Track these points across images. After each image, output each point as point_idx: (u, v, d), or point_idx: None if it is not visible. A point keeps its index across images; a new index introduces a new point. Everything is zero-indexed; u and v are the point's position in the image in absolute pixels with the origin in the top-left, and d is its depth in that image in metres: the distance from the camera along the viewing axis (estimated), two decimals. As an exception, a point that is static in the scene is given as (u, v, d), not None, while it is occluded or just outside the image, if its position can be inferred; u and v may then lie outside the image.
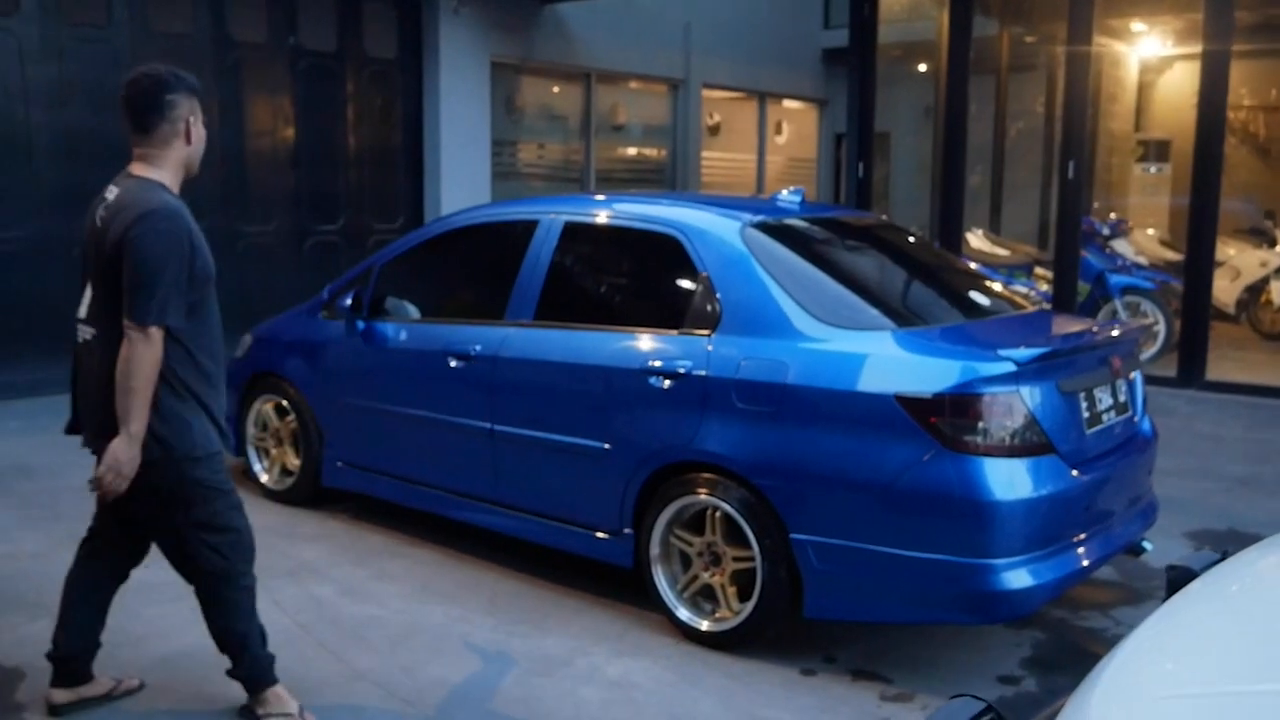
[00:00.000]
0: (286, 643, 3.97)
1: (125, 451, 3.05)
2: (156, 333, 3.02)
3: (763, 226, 4.24)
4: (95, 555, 3.48)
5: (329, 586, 4.52)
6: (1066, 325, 4.45)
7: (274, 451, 5.64)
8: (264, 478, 5.66)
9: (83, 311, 3.24)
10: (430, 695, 3.62)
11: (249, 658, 3.39)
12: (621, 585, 4.42)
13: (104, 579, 3.50)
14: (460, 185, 10.13)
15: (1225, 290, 10.38)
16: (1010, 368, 3.55)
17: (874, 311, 4.03)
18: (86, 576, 3.47)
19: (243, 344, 5.87)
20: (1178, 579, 2.14)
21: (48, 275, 7.79)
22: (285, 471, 5.60)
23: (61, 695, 3.45)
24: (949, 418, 3.51)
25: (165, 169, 3.18)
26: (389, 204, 10.12)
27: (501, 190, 10.65)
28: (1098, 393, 3.97)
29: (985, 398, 3.53)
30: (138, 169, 3.19)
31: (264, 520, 5.26)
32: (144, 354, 3.01)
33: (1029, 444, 3.59)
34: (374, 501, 5.36)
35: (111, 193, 3.17)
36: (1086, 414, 3.87)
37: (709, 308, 4.04)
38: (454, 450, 4.73)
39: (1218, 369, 8.47)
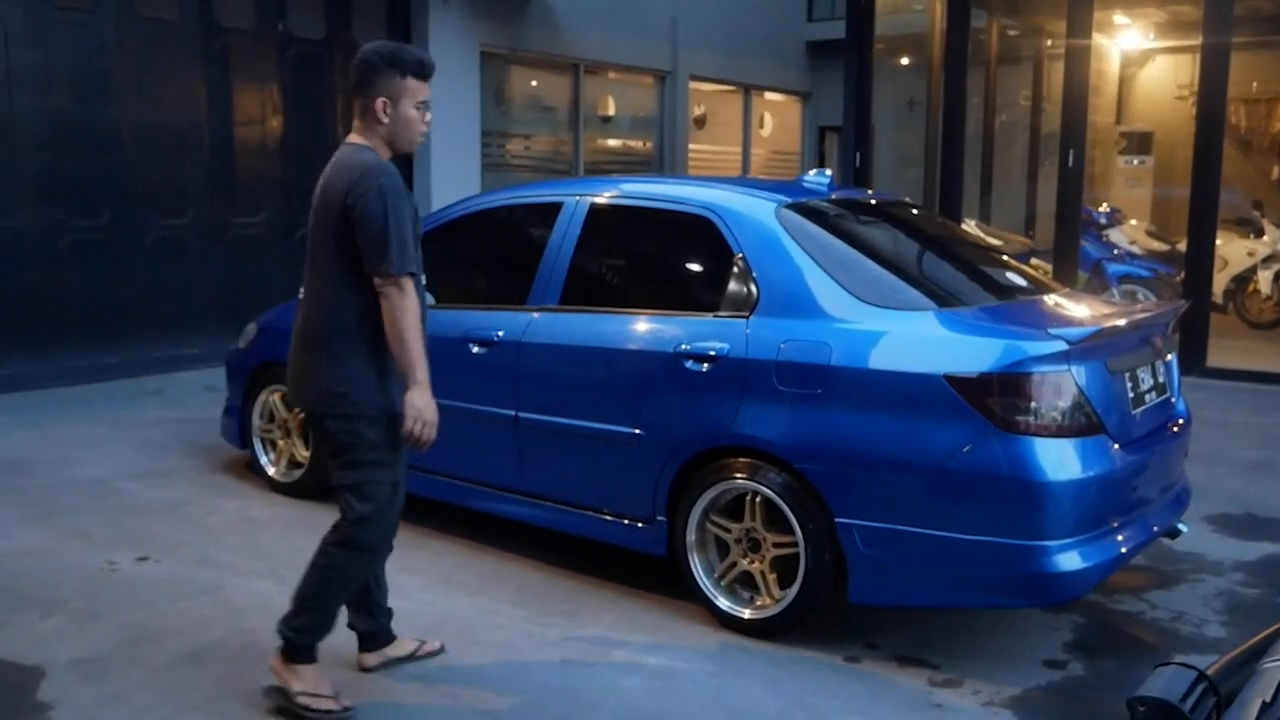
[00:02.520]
0: (314, 637, 3.86)
1: (419, 399, 3.13)
2: (406, 281, 3.12)
3: (797, 207, 4.16)
4: None
5: (350, 579, 4.39)
6: (1104, 306, 4.41)
7: (281, 443, 5.50)
8: (271, 470, 5.51)
9: (306, 271, 3.37)
10: (469, 688, 3.51)
11: (309, 621, 3.31)
12: (651, 574, 4.34)
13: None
14: (450, 176, 10.01)
15: (1214, 280, 10.47)
16: (1062, 346, 3.50)
17: (914, 292, 3.97)
18: None
19: (246, 334, 5.74)
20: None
21: (29, 268, 7.62)
22: (293, 464, 5.46)
23: (370, 659, 3.59)
24: (1000, 397, 3.45)
25: (370, 138, 3.28)
26: (379, 195, 9.95)
27: (491, 181, 10.53)
28: (1140, 373, 3.92)
29: (1036, 377, 3.47)
30: (351, 135, 3.32)
31: (273, 513, 5.19)
32: (400, 304, 3.12)
33: (1080, 424, 3.53)
34: (387, 493, 5.23)
35: (333, 157, 3.31)
36: (1131, 394, 3.83)
37: (746, 289, 3.96)
38: (476, 439, 4.61)
39: (1213, 356, 8.54)
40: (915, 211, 5.14)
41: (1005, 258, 4.94)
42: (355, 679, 3.56)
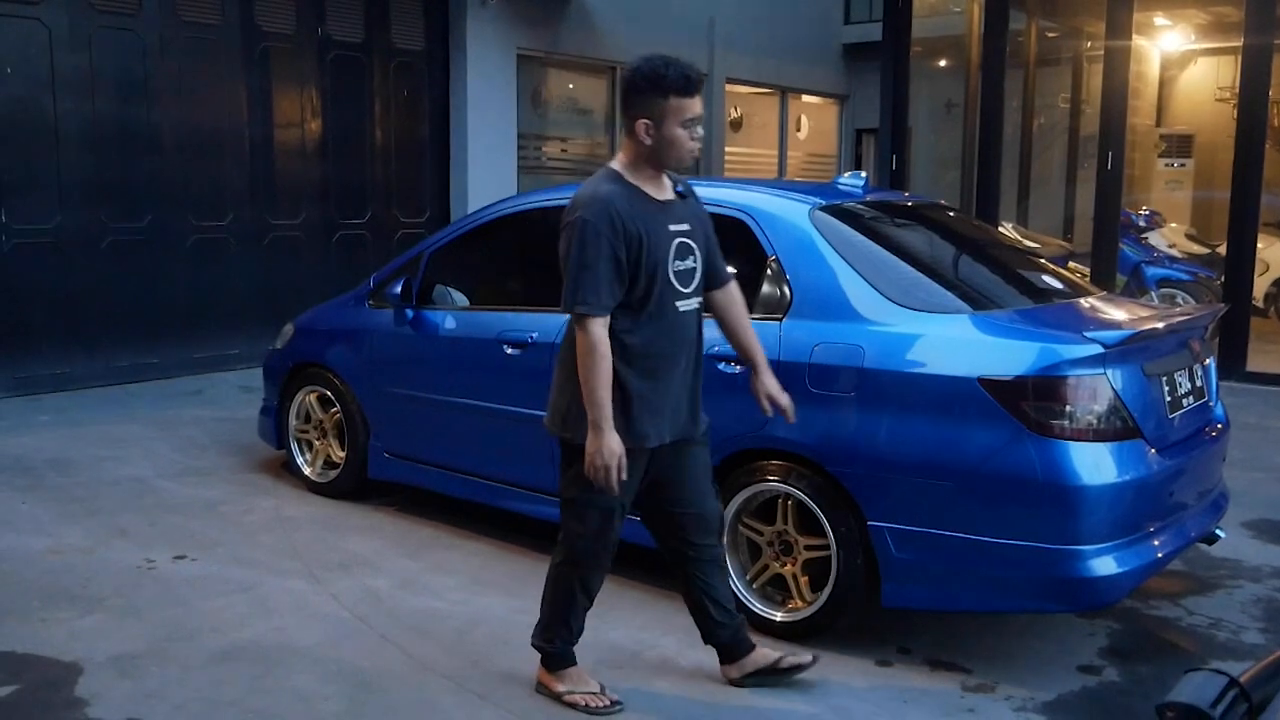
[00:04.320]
0: (348, 636, 3.90)
1: (591, 443, 3.11)
2: (590, 322, 3.08)
3: (831, 209, 4.15)
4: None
5: (384, 579, 4.43)
6: (1141, 309, 4.36)
7: (317, 444, 5.55)
8: (307, 470, 5.57)
9: None
10: (502, 688, 3.53)
11: (550, 630, 3.44)
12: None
13: (681, 564, 3.51)
14: (487, 179, 10.06)
15: (1255, 284, 10.33)
16: (1097, 350, 3.47)
17: (949, 294, 3.94)
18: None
19: (283, 334, 5.80)
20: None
21: (71, 270, 7.74)
22: (329, 464, 5.52)
23: (731, 671, 3.55)
24: (1035, 400, 3.42)
25: (628, 159, 3.24)
26: (416, 198, 10.05)
27: (528, 184, 10.57)
28: (1178, 376, 3.88)
29: (1071, 380, 3.44)
30: (618, 153, 3.29)
31: (309, 513, 5.24)
32: (581, 343, 3.10)
33: (1115, 428, 3.50)
34: (420, 493, 5.27)
35: None
36: (1169, 398, 3.79)
37: (779, 291, 3.95)
38: (509, 440, 4.64)
39: (1253, 361, 8.43)
40: (951, 214, 5.12)
41: (1042, 260, 4.90)
42: (375, 679, 3.59)
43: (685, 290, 3.26)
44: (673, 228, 3.22)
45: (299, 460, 5.60)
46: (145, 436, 6.60)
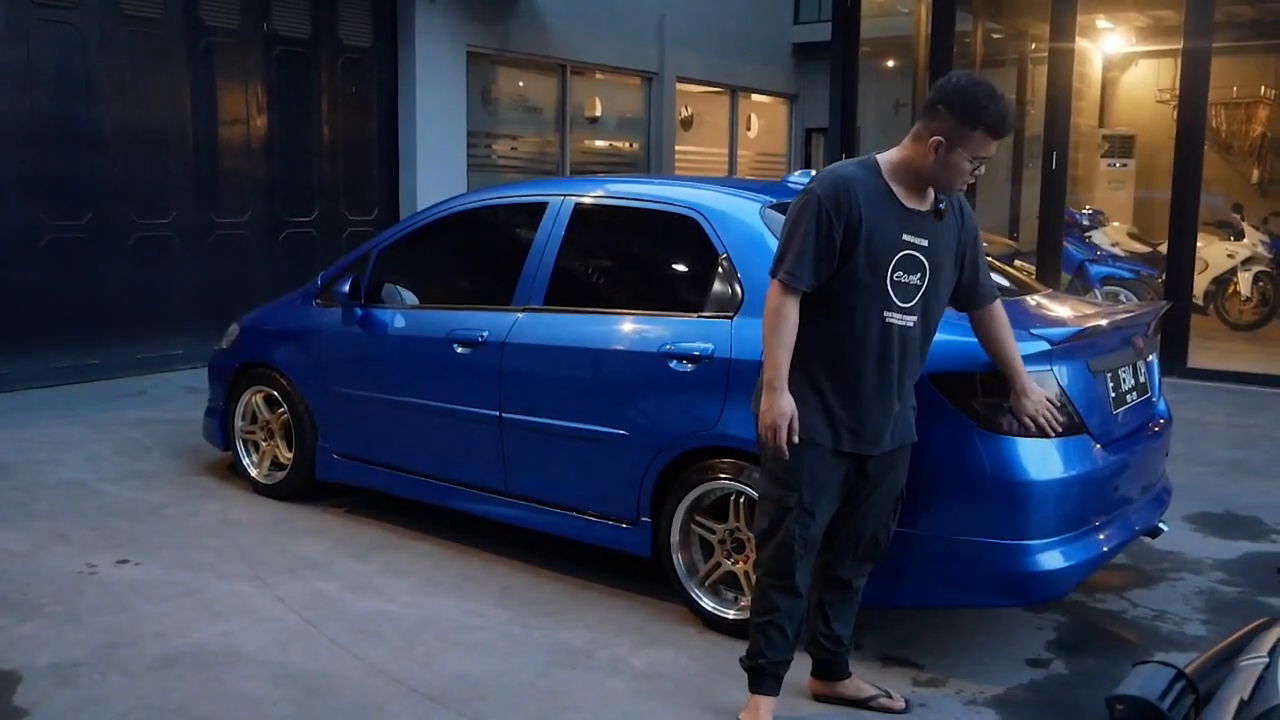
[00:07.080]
0: (296, 639, 3.85)
1: (764, 402, 3.09)
2: (784, 289, 3.04)
3: (782, 208, 4.12)
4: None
5: (333, 582, 4.38)
6: (1086, 306, 4.42)
7: (264, 445, 5.47)
8: (253, 472, 5.49)
9: None
10: (453, 690, 3.50)
11: (753, 651, 3.30)
12: (635, 576, 4.33)
13: (818, 575, 3.38)
14: (436, 177, 9.99)
15: (1195, 281, 10.54)
16: (1044, 346, 3.51)
17: (898, 292, 3.96)
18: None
19: (229, 334, 5.71)
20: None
21: (9, 268, 7.58)
22: (276, 465, 5.44)
23: (817, 687, 3.49)
24: (984, 397, 3.46)
25: (899, 157, 3.12)
26: (364, 195, 9.94)
27: (477, 182, 10.51)
28: (1122, 373, 3.94)
29: (1019, 377, 3.47)
30: (893, 149, 3.17)
31: (256, 515, 5.16)
32: (769, 305, 3.08)
33: (1062, 424, 3.53)
34: (370, 495, 5.22)
35: None
36: (1113, 394, 3.84)
37: (730, 289, 3.96)
38: (460, 440, 4.61)
39: (1193, 358, 8.59)
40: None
41: (989, 259, 4.94)
42: (324, 682, 3.55)
43: (900, 304, 3.11)
44: (907, 238, 3.08)
45: (245, 462, 5.52)
46: (86, 439, 6.47)
